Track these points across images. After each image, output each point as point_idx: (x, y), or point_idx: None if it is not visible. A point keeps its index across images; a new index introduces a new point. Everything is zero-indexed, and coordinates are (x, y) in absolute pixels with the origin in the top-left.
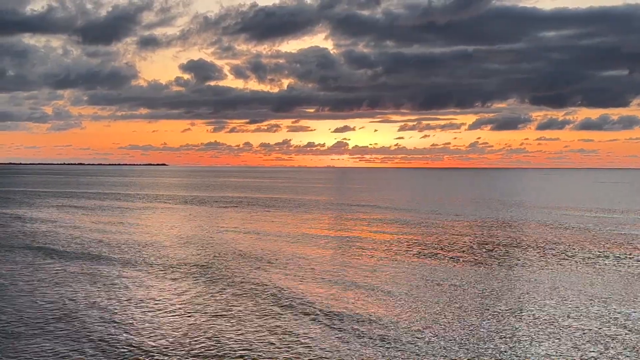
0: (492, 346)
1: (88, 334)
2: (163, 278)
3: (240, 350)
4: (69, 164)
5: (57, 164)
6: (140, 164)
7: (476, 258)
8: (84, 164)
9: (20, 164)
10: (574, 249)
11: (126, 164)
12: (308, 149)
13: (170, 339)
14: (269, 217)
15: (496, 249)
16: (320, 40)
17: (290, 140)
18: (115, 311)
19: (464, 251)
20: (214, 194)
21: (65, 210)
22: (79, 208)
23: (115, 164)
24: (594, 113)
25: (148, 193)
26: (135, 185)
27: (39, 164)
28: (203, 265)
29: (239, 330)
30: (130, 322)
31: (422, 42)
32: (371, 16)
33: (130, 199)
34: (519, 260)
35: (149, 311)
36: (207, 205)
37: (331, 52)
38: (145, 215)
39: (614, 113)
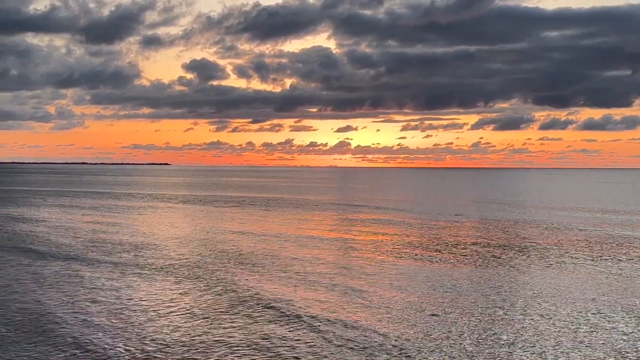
0: (487, 351)
1: (74, 337)
2: (157, 280)
3: (229, 357)
4: (71, 163)
5: (60, 163)
6: (143, 163)
7: (476, 260)
8: (86, 163)
9: (23, 163)
10: (574, 250)
11: (129, 163)
12: (310, 148)
13: (157, 344)
14: (271, 217)
15: (498, 250)
16: (322, 39)
17: (292, 139)
18: (103, 314)
19: (464, 253)
20: (216, 193)
21: (67, 210)
22: (80, 208)
23: (118, 163)
24: (596, 113)
25: (150, 192)
26: (137, 185)
27: (41, 163)
28: (199, 267)
29: (232, 336)
30: (119, 325)
31: (425, 42)
32: (374, 16)
33: (132, 198)
34: (520, 262)
35: (138, 314)
36: (209, 204)
37: (334, 51)
38: (146, 214)
39: (617, 113)
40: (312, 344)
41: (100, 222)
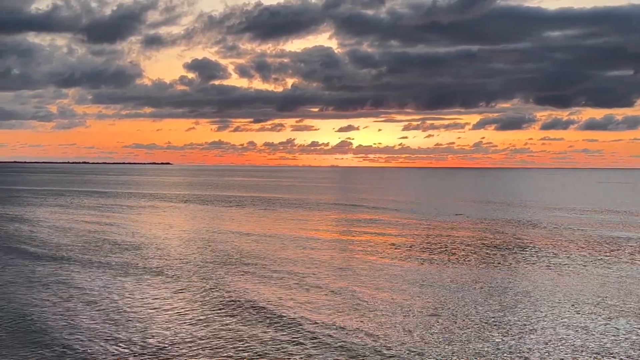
0: (487, 351)
1: (67, 339)
2: (153, 282)
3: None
4: (73, 163)
5: (62, 163)
6: (144, 163)
7: (476, 260)
8: (88, 163)
9: (25, 162)
10: (574, 251)
11: (130, 163)
12: (312, 148)
13: (151, 346)
14: (271, 217)
15: (497, 251)
16: (324, 39)
17: (294, 139)
18: (96, 316)
19: (463, 253)
20: (217, 193)
21: (67, 210)
22: (81, 207)
23: (119, 163)
24: (598, 113)
25: (151, 192)
26: (138, 184)
27: (43, 162)
28: (197, 269)
29: (225, 338)
30: (112, 327)
31: (427, 41)
32: (375, 15)
33: (133, 197)
34: (519, 263)
35: (132, 317)
36: (210, 204)
37: (335, 51)
38: (146, 214)
39: (619, 113)
40: (307, 347)
41: (99, 223)
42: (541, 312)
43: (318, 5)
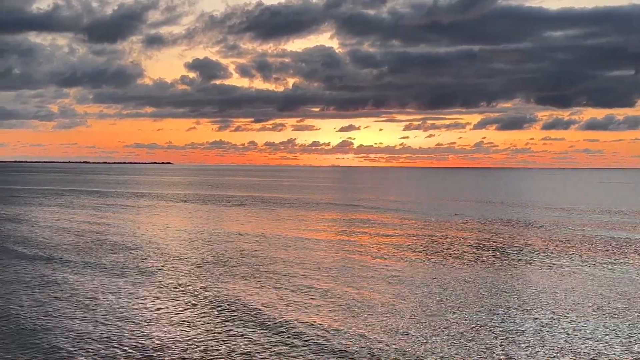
0: (486, 350)
1: (58, 341)
2: (147, 284)
3: None
4: (74, 162)
5: (63, 162)
6: (145, 163)
7: (472, 260)
8: (89, 162)
9: (26, 162)
10: (572, 252)
11: (131, 163)
12: (313, 148)
13: (144, 349)
14: (271, 217)
15: (494, 251)
16: (325, 39)
17: (295, 139)
18: (87, 319)
19: (460, 253)
20: (218, 193)
21: (66, 210)
22: (80, 207)
23: (120, 162)
24: (599, 113)
25: (151, 192)
26: (139, 184)
27: (44, 162)
28: (193, 270)
29: (216, 341)
30: (104, 330)
31: (428, 41)
32: (376, 15)
33: (133, 197)
34: (515, 263)
35: (124, 320)
36: (210, 204)
37: (336, 51)
38: (145, 214)
39: (620, 113)
40: (301, 347)
41: (99, 223)
42: (539, 313)
43: (319, 5)
